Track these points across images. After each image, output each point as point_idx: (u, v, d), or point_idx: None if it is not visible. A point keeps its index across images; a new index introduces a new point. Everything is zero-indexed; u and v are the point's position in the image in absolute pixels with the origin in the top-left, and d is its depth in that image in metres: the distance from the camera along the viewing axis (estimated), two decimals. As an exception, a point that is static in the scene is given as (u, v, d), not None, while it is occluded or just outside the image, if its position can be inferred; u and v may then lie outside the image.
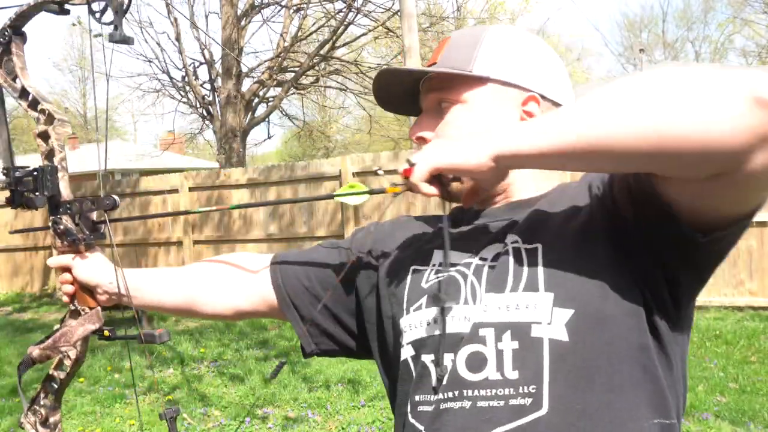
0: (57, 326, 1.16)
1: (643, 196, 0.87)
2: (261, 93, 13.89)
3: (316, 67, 13.78)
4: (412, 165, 0.91)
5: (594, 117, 0.80)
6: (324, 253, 1.18)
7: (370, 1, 12.52)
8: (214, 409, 4.75)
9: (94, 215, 1.14)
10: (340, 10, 12.89)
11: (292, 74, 13.73)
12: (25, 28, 1.13)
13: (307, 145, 26.42)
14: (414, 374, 0.98)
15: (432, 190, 0.90)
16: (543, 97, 1.04)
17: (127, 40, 1.00)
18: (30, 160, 1.12)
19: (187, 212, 1.15)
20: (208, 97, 13.69)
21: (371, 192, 1.02)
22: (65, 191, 1.11)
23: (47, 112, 1.10)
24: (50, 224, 1.12)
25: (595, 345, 0.88)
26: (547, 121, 0.84)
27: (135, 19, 12.29)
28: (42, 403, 1.16)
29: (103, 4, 1.01)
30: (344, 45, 14.19)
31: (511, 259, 0.95)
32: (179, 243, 9.26)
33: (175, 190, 9.22)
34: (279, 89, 13.78)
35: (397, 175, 0.95)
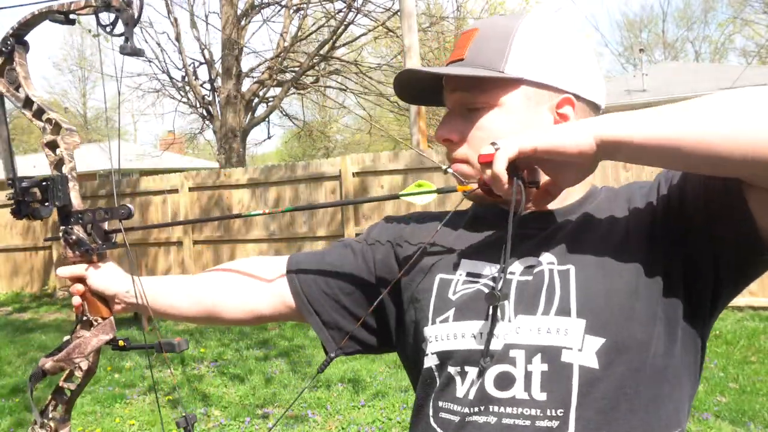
0: (67, 337, 1.13)
1: (724, 206, 0.87)
2: (261, 93, 13.89)
3: (316, 67, 13.78)
4: (496, 148, 0.85)
5: (703, 117, 0.80)
6: (338, 256, 1.14)
7: (370, 1, 12.52)
8: (214, 409, 4.75)
9: (106, 224, 1.12)
10: (340, 10, 12.89)
11: (292, 74, 13.73)
12: (27, 37, 1.12)
13: (307, 145, 26.41)
14: (438, 382, 0.97)
15: (504, 184, 0.86)
16: (578, 97, 0.99)
17: (138, 53, 0.99)
18: (31, 160, 1.11)
19: (239, 215, 1.12)
20: (208, 97, 13.69)
21: (439, 191, 0.98)
22: (76, 201, 1.10)
23: (54, 121, 1.09)
24: (61, 234, 1.11)
25: (625, 373, 0.89)
26: (650, 114, 0.83)
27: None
28: (51, 415, 1.14)
29: (113, 16, 1.00)
30: (344, 45, 14.19)
31: (542, 279, 0.93)
32: (179, 243, 9.26)
33: (175, 190, 9.21)
34: (279, 89, 13.78)
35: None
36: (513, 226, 0.88)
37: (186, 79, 13.49)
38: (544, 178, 0.91)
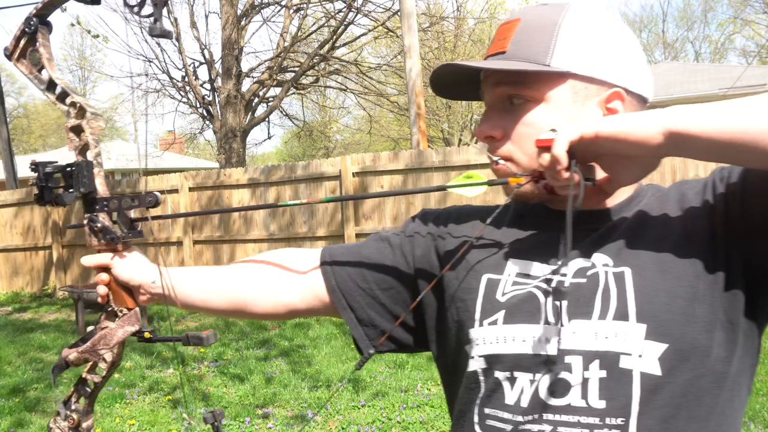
0: (91, 328, 1.10)
1: None
2: (261, 93, 13.90)
3: (316, 67, 13.79)
4: (554, 131, 0.81)
5: None
6: (375, 250, 1.09)
7: (370, 1, 12.53)
8: (215, 408, 4.75)
9: (132, 213, 1.08)
10: (340, 10, 12.90)
11: (292, 74, 13.74)
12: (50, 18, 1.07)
13: (307, 145, 26.43)
14: (483, 387, 0.94)
15: (563, 168, 0.81)
16: (627, 91, 0.94)
17: (167, 34, 0.93)
18: (30, 160, 1.09)
19: (273, 205, 1.06)
20: (208, 97, 13.70)
21: (489, 183, 0.92)
22: (101, 188, 1.05)
23: (78, 105, 1.04)
24: (86, 222, 1.06)
25: (687, 379, 0.85)
26: (720, 106, 0.79)
27: (135, 20, 12.27)
28: (74, 407, 1.10)
29: None
30: (344, 45, 14.20)
31: (597, 282, 0.89)
32: (179, 243, 9.26)
33: (175, 190, 9.22)
34: (279, 89, 13.79)
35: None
36: (569, 219, 0.83)
37: (186, 79, 13.50)
38: (600, 175, 0.87)
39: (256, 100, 13.95)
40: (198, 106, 13.80)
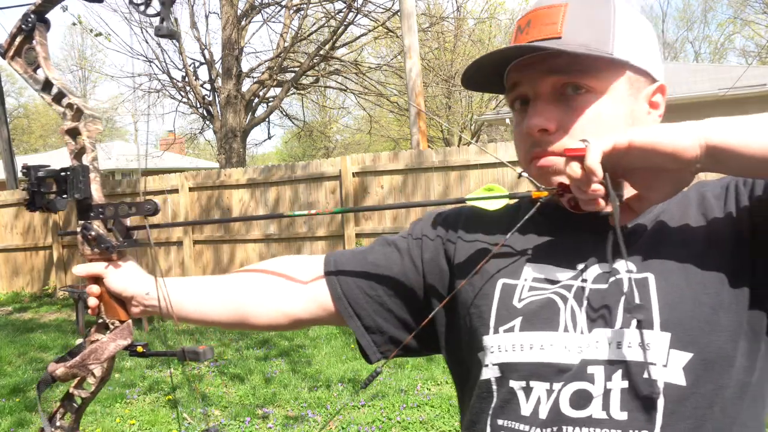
0: (80, 340, 1.04)
1: None
2: (261, 93, 13.90)
3: (316, 67, 13.79)
4: (585, 142, 0.77)
5: None
6: (382, 255, 1.05)
7: (370, 1, 12.53)
8: (214, 409, 4.76)
9: (128, 220, 1.02)
10: (340, 10, 12.90)
11: (292, 74, 13.75)
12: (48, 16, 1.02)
13: (307, 145, 26.43)
14: (496, 397, 0.90)
15: (599, 188, 0.77)
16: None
17: (173, 35, 0.91)
18: (30, 160, 1.07)
19: (281, 215, 1.00)
20: (208, 97, 13.70)
21: (511, 196, 0.87)
22: (97, 194, 1.00)
23: (75, 106, 0.99)
24: (79, 229, 1.01)
25: (711, 389, 0.83)
26: (757, 121, 0.76)
27: (137, 20, 12.29)
28: (59, 423, 1.04)
29: None
30: (344, 45, 14.20)
31: (619, 289, 0.86)
32: (179, 243, 9.26)
33: (175, 190, 9.22)
34: (279, 89, 13.79)
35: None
36: (619, 235, 0.79)
37: (186, 80, 13.50)
38: (629, 192, 0.82)
39: (256, 100, 13.96)
40: (198, 106, 13.80)
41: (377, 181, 8.01)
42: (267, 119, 14.42)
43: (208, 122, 14.15)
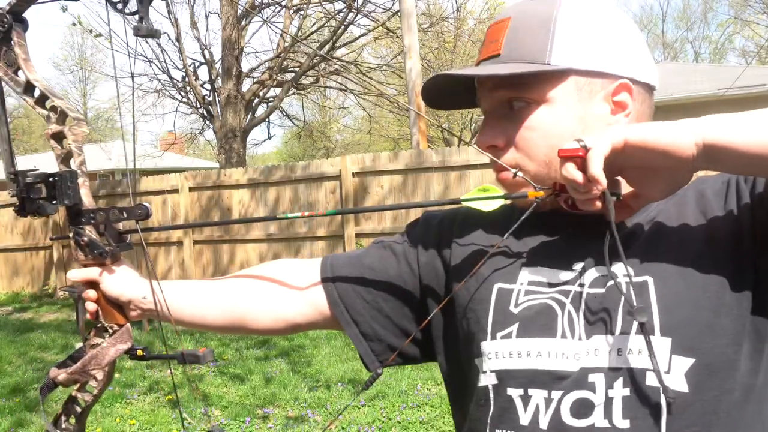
0: (79, 345, 1.03)
1: None
2: (261, 93, 13.91)
3: (316, 67, 13.79)
4: (585, 148, 0.75)
5: None
6: (377, 259, 1.04)
7: (370, 1, 12.53)
8: (215, 409, 4.76)
9: (120, 225, 1.01)
10: (340, 10, 12.90)
11: (292, 74, 13.75)
12: (26, 15, 0.99)
13: (307, 145, 26.44)
14: (492, 404, 0.88)
15: (601, 188, 0.76)
16: (633, 81, 0.88)
17: (154, 34, 0.88)
18: (31, 160, 1.06)
19: (273, 218, 0.98)
20: (209, 97, 13.70)
21: (507, 197, 0.86)
22: (87, 199, 0.98)
23: (59, 109, 0.97)
24: (71, 235, 1.00)
25: (715, 395, 0.81)
26: (756, 117, 0.74)
27: (135, 19, 12.27)
28: (63, 426, 1.03)
29: None
30: (344, 45, 14.21)
31: (617, 293, 0.83)
32: (179, 243, 9.26)
33: (175, 190, 9.22)
34: (279, 89, 13.80)
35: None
36: (616, 237, 0.78)
37: (186, 80, 13.51)
38: (626, 189, 0.81)
39: (257, 100, 13.96)
40: (198, 106, 13.80)
41: (377, 181, 8.01)
42: (267, 119, 14.43)
43: (208, 122, 14.15)
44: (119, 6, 0.89)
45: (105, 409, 4.87)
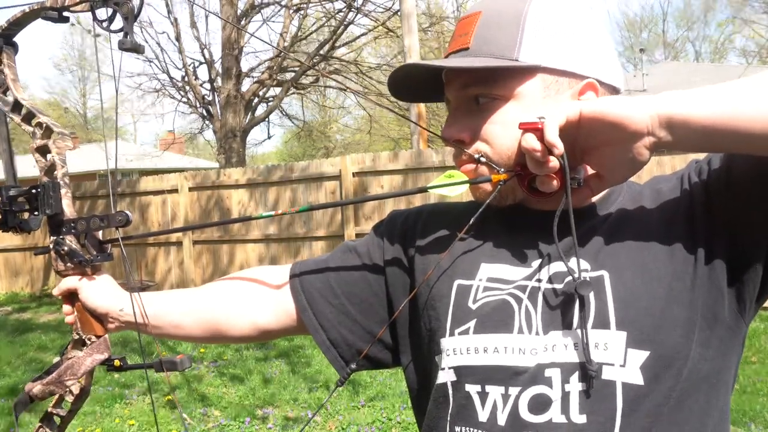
0: (57, 358, 1.04)
1: None
2: (261, 93, 13.90)
3: (316, 67, 13.79)
4: (541, 119, 0.78)
5: None
6: (342, 262, 1.04)
7: (370, 1, 12.53)
8: (214, 409, 4.75)
9: (100, 234, 1.02)
10: (340, 10, 12.90)
11: (292, 74, 13.74)
12: (19, 37, 1.05)
13: (307, 145, 26.43)
14: (451, 401, 0.88)
15: (557, 163, 0.78)
16: (600, 82, 0.89)
17: (137, 49, 0.91)
18: (31, 160, 1.07)
19: (250, 218, 1.01)
20: (208, 97, 13.70)
21: (471, 182, 0.89)
22: (68, 209, 1.00)
23: (44, 125, 1.01)
24: (52, 245, 1.01)
25: (669, 386, 0.82)
26: (713, 90, 0.75)
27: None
28: None
29: (110, 10, 0.92)
30: (344, 45, 14.20)
31: (574, 289, 0.83)
32: (179, 243, 9.25)
33: (175, 190, 9.21)
34: (279, 89, 13.79)
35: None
36: (570, 211, 0.80)
37: (186, 79, 13.50)
38: (588, 172, 0.83)
39: (256, 100, 13.96)
40: (198, 106, 13.80)
41: (377, 182, 8.00)
42: (267, 119, 14.43)
43: (207, 122, 14.14)
44: (105, 24, 0.93)
45: (104, 409, 4.87)
